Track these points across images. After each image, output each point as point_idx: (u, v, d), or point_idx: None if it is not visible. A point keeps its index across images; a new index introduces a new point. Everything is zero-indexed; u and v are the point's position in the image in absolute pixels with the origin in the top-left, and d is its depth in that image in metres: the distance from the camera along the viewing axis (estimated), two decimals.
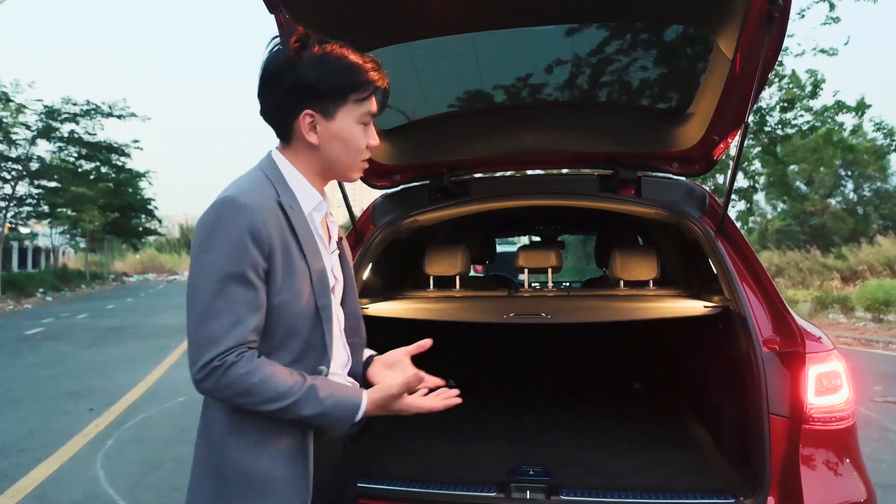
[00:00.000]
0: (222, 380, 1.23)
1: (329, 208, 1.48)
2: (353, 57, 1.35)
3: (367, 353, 1.62)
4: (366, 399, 1.34)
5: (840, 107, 13.66)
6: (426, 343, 1.52)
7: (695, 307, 2.63)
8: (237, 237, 1.25)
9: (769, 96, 14.01)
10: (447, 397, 1.42)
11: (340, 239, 1.53)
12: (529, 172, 3.32)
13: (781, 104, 13.66)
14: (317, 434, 1.38)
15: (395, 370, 1.53)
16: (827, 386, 1.95)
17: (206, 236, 1.27)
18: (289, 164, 1.39)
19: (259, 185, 1.34)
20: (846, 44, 13.13)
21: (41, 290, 25.09)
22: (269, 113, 1.39)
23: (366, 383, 1.54)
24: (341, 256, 1.53)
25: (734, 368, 2.33)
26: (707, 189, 2.76)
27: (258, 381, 1.24)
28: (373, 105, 1.38)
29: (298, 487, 1.34)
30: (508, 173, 3.94)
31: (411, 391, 1.37)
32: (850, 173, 27.67)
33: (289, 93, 1.34)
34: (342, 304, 1.52)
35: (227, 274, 1.25)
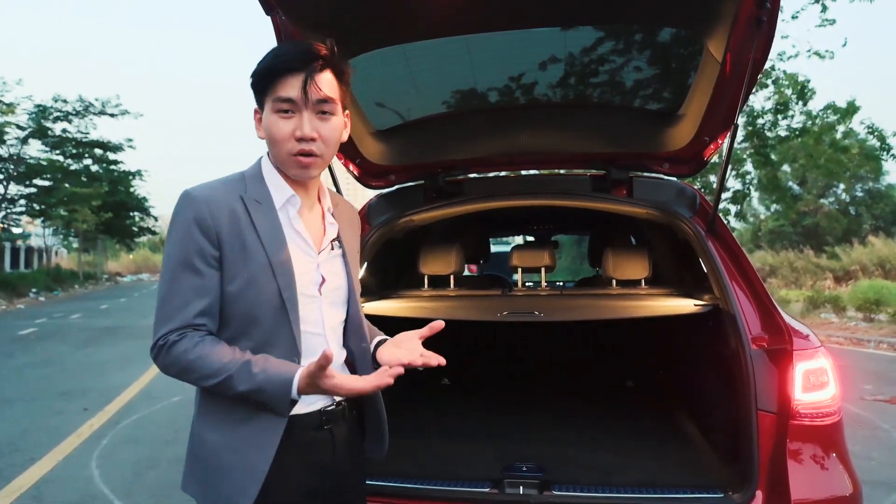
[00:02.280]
0: (167, 358, 1.34)
1: (326, 208, 1.51)
2: (273, 50, 1.42)
3: (379, 338, 1.61)
4: (298, 374, 1.31)
5: (831, 109, 13.72)
6: (439, 325, 1.47)
7: (685, 306, 2.66)
8: (184, 226, 1.35)
9: (764, 98, 14.10)
10: (379, 377, 1.32)
11: (338, 239, 1.53)
12: (523, 173, 3.34)
13: (775, 106, 13.72)
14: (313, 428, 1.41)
15: (401, 349, 1.49)
16: (814, 382, 1.98)
17: (168, 230, 1.40)
18: (269, 164, 1.46)
19: (224, 182, 1.42)
20: (844, 45, 13.17)
21: (34, 290, 24.99)
22: None
23: (376, 365, 1.53)
24: (344, 258, 1.53)
25: (724, 366, 2.36)
26: (698, 189, 2.79)
27: (195, 358, 1.32)
28: (285, 89, 1.34)
29: (255, 475, 1.34)
30: (503, 173, 3.97)
31: (324, 367, 1.28)
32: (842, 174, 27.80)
33: None
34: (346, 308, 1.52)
35: (176, 261, 1.35)
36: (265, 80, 1.38)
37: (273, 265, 1.36)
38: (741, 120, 13.41)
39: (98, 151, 30.44)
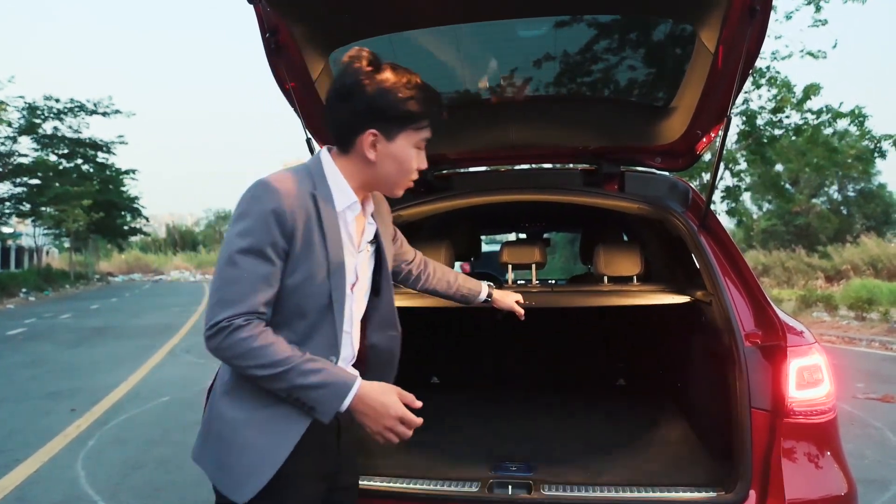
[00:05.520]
0: (227, 340, 1.35)
1: (370, 212, 1.61)
2: (420, 87, 1.50)
3: (484, 286, 2.16)
4: (359, 383, 1.40)
5: (831, 112, 13.74)
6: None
7: (677, 302, 2.62)
8: (262, 215, 1.38)
9: (758, 97, 14.13)
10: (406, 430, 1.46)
11: (378, 237, 1.63)
12: (514, 167, 3.31)
13: (772, 106, 13.75)
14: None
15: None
16: (808, 379, 1.94)
17: (238, 213, 1.41)
18: (333, 166, 1.51)
19: (298, 176, 1.46)
20: (834, 47, 13.24)
21: (24, 290, 24.80)
22: (335, 124, 1.50)
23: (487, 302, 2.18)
24: (378, 253, 1.64)
25: (717, 363, 2.33)
26: (691, 185, 2.76)
27: (258, 346, 1.34)
28: (428, 132, 1.53)
29: (274, 457, 1.41)
30: (492, 168, 3.93)
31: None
32: (834, 173, 27.95)
33: (358, 111, 1.45)
34: (377, 295, 1.65)
35: (249, 247, 1.37)
36: (417, 120, 1.48)
37: (330, 265, 1.44)
38: (736, 118, 13.49)
39: (90, 150, 30.29)
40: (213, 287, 1.39)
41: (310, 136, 2.45)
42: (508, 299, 2.25)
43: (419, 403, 1.46)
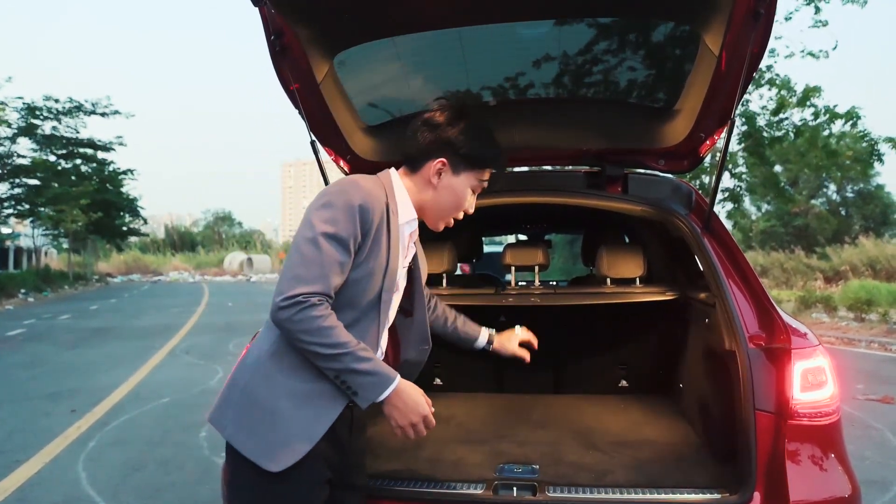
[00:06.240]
0: (299, 314, 1.44)
1: (415, 238, 1.77)
2: (496, 143, 1.71)
3: (484, 332, 2.25)
4: (399, 379, 1.54)
5: (829, 114, 13.74)
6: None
7: (681, 304, 2.63)
8: (349, 208, 1.51)
9: (759, 97, 14.14)
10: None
11: (416, 261, 1.81)
12: (516, 170, 3.30)
13: (773, 107, 13.76)
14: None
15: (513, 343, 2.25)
16: (812, 382, 1.95)
17: (325, 201, 1.53)
18: (401, 183, 1.68)
19: (377, 185, 1.62)
20: (834, 48, 13.23)
21: (23, 291, 24.76)
22: (413, 145, 1.69)
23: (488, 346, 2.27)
24: (412, 276, 1.81)
25: (720, 365, 2.33)
26: (694, 186, 2.76)
27: (326, 326, 1.45)
28: (486, 182, 1.72)
29: (312, 432, 1.51)
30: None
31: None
32: (834, 173, 27.91)
33: (438, 142, 1.65)
34: (412, 314, 1.83)
35: (332, 234, 1.49)
36: (483, 166, 1.69)
37: (388, 269, 1.59)
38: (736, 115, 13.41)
39: (89, 150, 30.26)
40: (291, 263, 1.49)
41: (314, 138, 2.45)
42: (511, 345, 2.28)
43: (433, 409, 1.59)
